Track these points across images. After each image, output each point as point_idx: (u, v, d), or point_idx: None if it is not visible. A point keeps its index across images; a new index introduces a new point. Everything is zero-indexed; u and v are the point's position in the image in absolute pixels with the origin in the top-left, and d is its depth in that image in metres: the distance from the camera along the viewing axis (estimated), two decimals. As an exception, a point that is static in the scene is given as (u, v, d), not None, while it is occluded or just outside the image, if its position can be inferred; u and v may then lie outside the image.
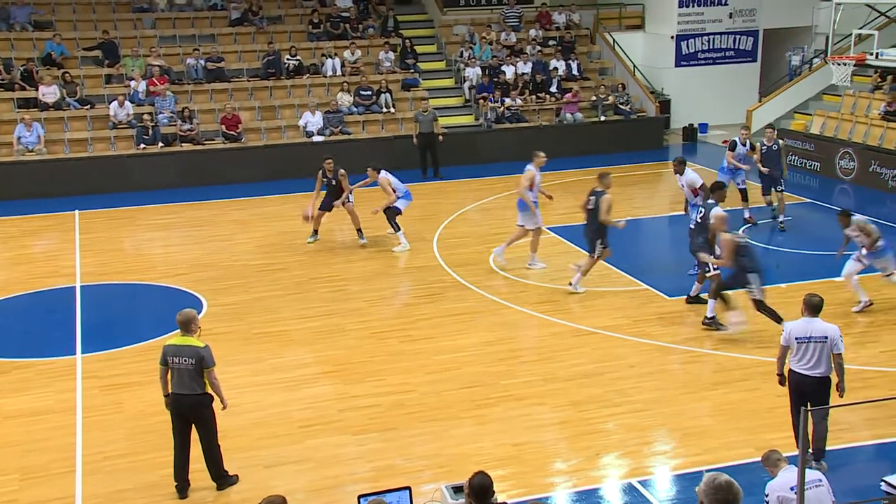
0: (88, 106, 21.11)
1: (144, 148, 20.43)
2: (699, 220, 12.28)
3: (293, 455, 9.03)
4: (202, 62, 22.39)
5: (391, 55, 23.62)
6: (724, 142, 20.00)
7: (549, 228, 16.29)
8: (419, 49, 24.28)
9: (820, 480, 6.67)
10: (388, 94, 22.49)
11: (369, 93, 22.51)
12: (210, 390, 8.25)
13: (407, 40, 24.05)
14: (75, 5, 23.57)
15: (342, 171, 15.77)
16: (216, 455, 8.39)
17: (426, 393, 10.33)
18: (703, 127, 24.57)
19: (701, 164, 21.27)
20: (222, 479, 8.48)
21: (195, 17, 24.08)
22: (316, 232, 16.19)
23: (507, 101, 22.78)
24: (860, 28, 16.36)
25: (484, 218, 17.63)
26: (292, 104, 22.30)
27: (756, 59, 25.60)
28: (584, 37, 25.85)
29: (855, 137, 19.89)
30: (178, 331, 8.25)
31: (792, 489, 6.43)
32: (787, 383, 8.44)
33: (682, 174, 14.12)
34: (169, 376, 8.24)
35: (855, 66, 16.57)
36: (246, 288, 13.87)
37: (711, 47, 25.31)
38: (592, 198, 13.03)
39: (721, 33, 25.17)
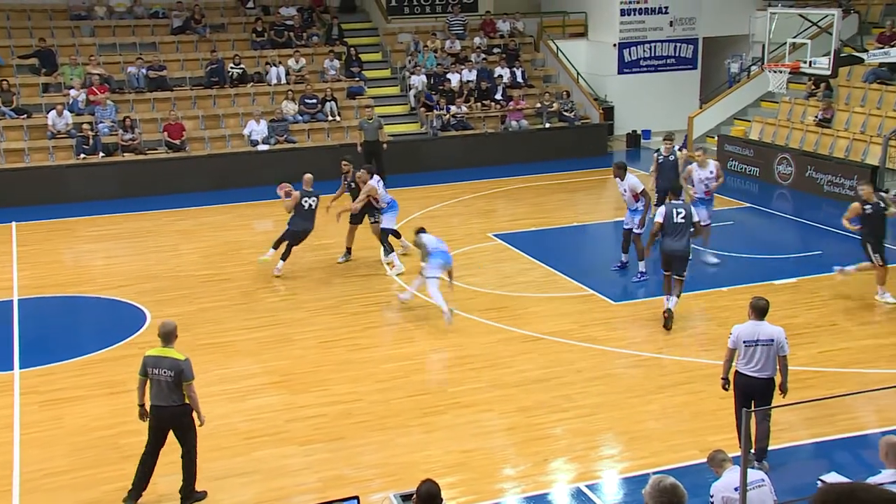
0: (25, 115, 20.66)
1: (84, 158, 20.05)
2: (682, 220, 12.02)
3: (239, 467, 8.90)
4: (144, 71, 22.06)
5: (336, 63, 23.54)
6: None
7: (495, 235, 16.38)
8: (364, 57, 24.23)
9: (762, 480, 6.77)
10: (333, 103, 22.40)
11: (314, 101, 22.40)
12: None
13: (352, 48, 23.99)
14: (9, 12, 23.06)
15: (360, 173, 15.05)
16: (193, 467, 8.28)
17: (374, 402, 10.28)
18: (647, 133, 24.90)
19: (644, 171, 21.54)
20: (190, 494, 8.33)
21: (136, 26, 23.74)
22: (349, 251, 15.35)
23: (453, 108, 22.85)
24: (794, 37, 16.72)
25: (430, 226, 17.48)
26: (236, 113, 22.08)
27: (696, 66, 26.02)
28: (528, 44, 26.03)
29: (792, 143, 20.33)
30: (160, 342, 8.17)
31: (736, 489, 6.51)
32: (732, 386, 8.55)
33: (622, 179, 14.19)
34: (148, 387, 8.14)
35: (790, 73, 16.91)
36: (190, 299, 13.67)
37: (653, 55, 25.66)
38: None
39: (662, 41, 25.55)
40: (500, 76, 23.97)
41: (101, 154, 20.21)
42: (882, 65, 19.55)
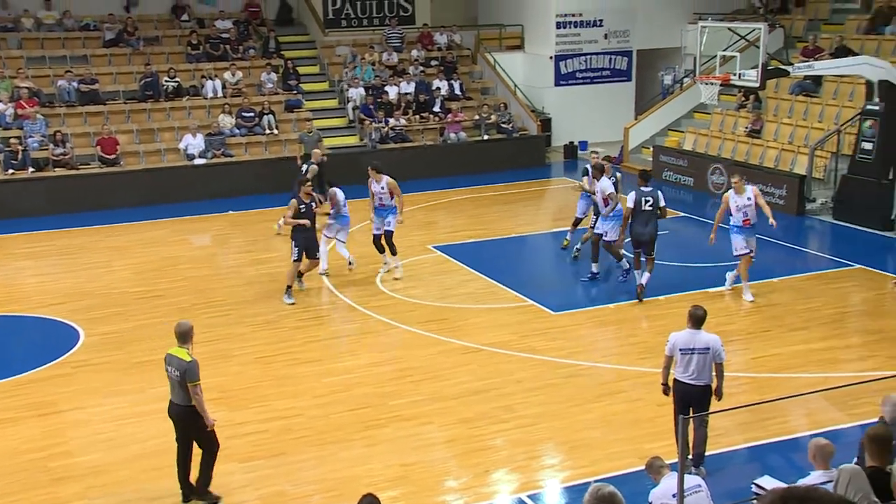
0: (-49, 130, 20.12)
1: (13, 173, 19.57)
2: (649, 208, 13.06)
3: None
4: (75, 84, 21.64)
5: (273, 76, 23.38)
6: (605, 158, 20.45)
7: (435, 247, 16.40)
8: (302, 70, 24.11)
9: (699, 486, 6.88)
10: (271, 116, 22.24)
11: (252, 114, 22.21)
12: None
13: (289, 61, 23.86)
14: (-67, 24, 22.48)
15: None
16: (208, 468, 8.40)
17: (314, 416, 10.20)
18: (584, 144, 25.16)
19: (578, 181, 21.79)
20: (204, 494, 8.44)
21: (66, 38, 23.27)
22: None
23: (391, 121, 22.85)
24: (724, 50, 17.09)
25: (369, 238, 17.50)
26: (172, 126, 21.78)
27: (631, 78, 26.43)
28: (465, 57, 26.18)
29: (724, 153, 20.76)
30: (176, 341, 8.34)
31: (674, 496, 6.60)
32: (671, 392, 8.68)
33: (598, 180, 14.20)
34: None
35: (721, 85, 17.28)
36: (125, 316, 13.42)
37: (589, 67, 26.00)
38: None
39: (597, 53, 25.90)
40: (439, 88, 24.06)
41: (31, 169, 19.74)
42: (807, 77, 20.12)
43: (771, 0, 22.84)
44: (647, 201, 13.07)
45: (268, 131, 22.11)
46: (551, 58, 25.50)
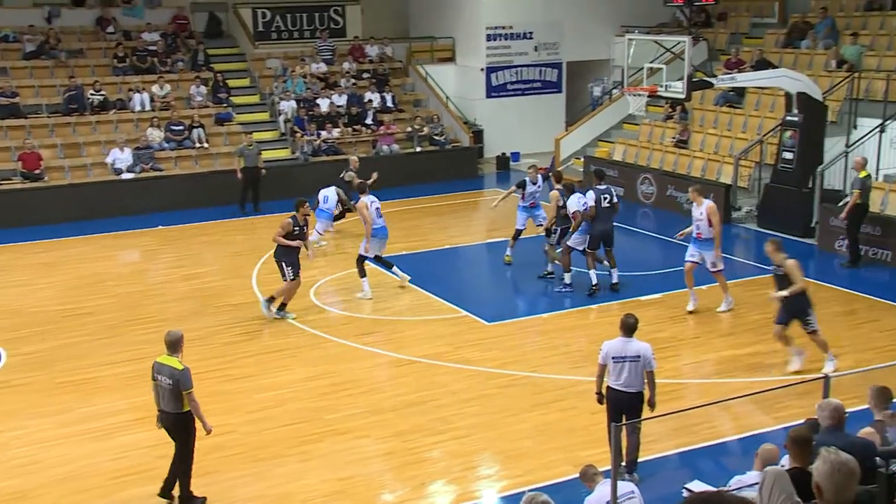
0: None
1: (-68, 190, 18.98)
2: (608, 205, 13.95)
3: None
4: (-6, 97, 21.08)
5: (203, 89, 23.10)
6: (541, 168, 20.62)
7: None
8: (232, 83, 23.88)
9: (632, 493, 6.98)
10: (201, 129, 21.95)
11: (181, 128, 21.90)
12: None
13: (218, 74, 23.61)
14: None
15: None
16: (184, 474, 8.49)
17: (248, 433, 10.07)
18: (515, 156, 25.42)
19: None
20: (189, 499, 8.54)
21: (-15, 50, 22.68)
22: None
23: (324, 133, 22.75)
24: (651, 62, 17.44)
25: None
26: (98, 141, 21.35)
27: (561, 90, 26.78)
28: (397, 69, 26.22)
29: (653, 164, 21.16)
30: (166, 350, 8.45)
31: (608, 503, 6.69)
32: (605, 400, 8.78)
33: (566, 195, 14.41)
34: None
35: (648, 97, 17.62)
36: (50, 335, 13.08)
37: (519, 79, 26.26)
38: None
39: (528, 65, 26.18)
40: (370, 101, 24.05)
41: (-50, 185, 19.18)
42: (731, 89, 20.65)
43: (694, 14, 23.37)
44: (605, 198, 13.98)
45: (198, 145, 21.83)
46: (482, 70, 25.70)
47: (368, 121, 23.66)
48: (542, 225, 15.63)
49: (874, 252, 15.55)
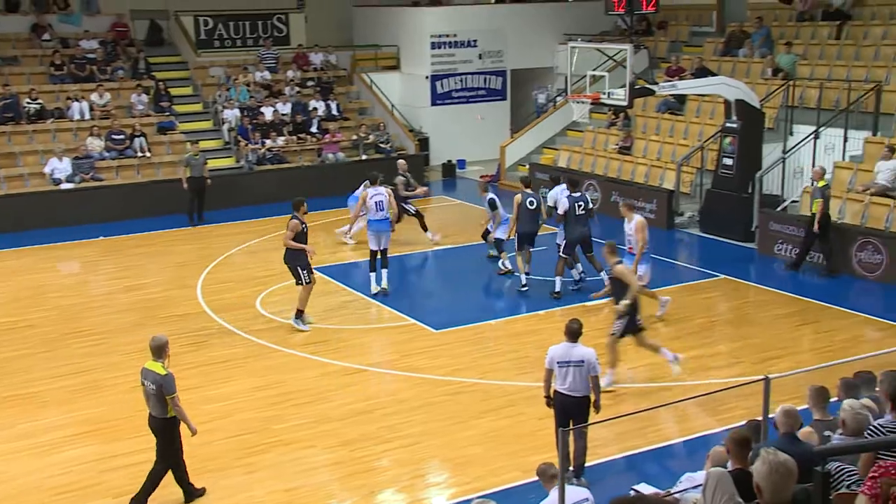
0: None
1: None
2: (583, 212, 14.33)
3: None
4: (-74, 106, 20.55)
5: (144, 98, 22.80)
6: (482, 177, 20.75)
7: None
8: (174, 91, 23.61)
9: (587, 499, 7.04)
10: (142, 138, 21.66)
11: (122, 137, 21.58)
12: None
13: (160, 82, 23.31)
14: None
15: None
16: (155, 479, 8.60)
17: (193, 445, 9.87)
18: (462, 163, 25.53)
19: (461, 199, 22.11)
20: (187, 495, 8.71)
21: (-84, 58, 22.10)
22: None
23: (268, 142, 22.61)
24: (594, 70, 17.68)
25: (249, 261, 17.32)
26: (35, 150, 20.93)
27: (506, 97, 26.97)
28: (342, 77, 26.17)
29: (597, 170, 21.41)
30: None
31: (562, 507, 6.74)
32: (552, 405, 8.86)
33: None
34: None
35: (592, 104, 17.85)
36: (-12, 349, 12.79)
37: (464, 87, 26.39)
38: None
39: (472, 73, 26.33)
40: (315, 109, 23.95)
41: None
42: (672, 96, 21.01)
43: (635, 23, 23.73)
44: (579, 206, 14.30)
45: (139, 154, 21.53)
46: (427, 78, 25.78)
47: (313, 129, 23.57)
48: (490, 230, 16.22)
49: (811, 256, 15.92)
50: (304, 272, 13.28)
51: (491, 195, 15.99)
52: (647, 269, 13.64)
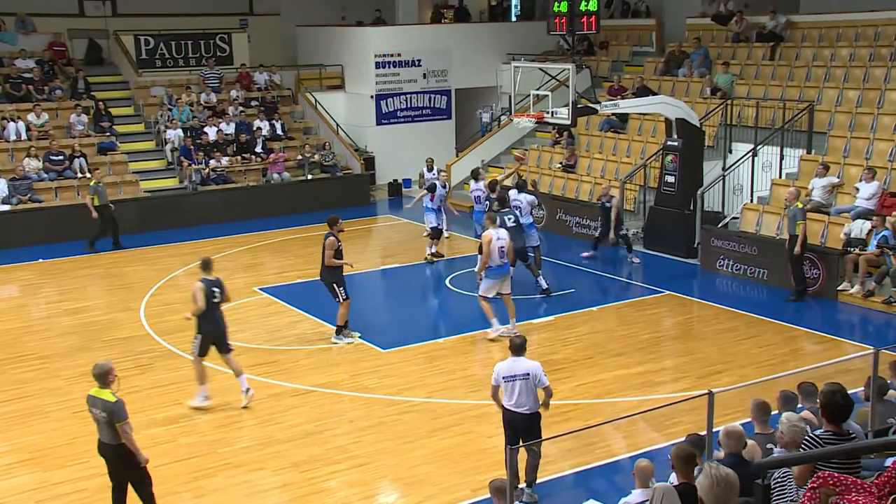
0: None
1: None
2: (516, 224, 14.86)
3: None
4: None
5: (84, 118, 22.46)
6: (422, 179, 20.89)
7: (261, 289, 16.17)
8: (115, 111, 23.32)
9: None
10: (82, 159, 21.31)
11: (61, 157, 21.20)
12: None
13: (100, 102, 22.99)
14: None
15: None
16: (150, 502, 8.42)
17: (139, 471, 9.75)
18: (407, 182, 25.57)
19: (407, 218, 22.14)
20: None
21: None
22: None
23: (212, 162, 22.42)
24: (537, 89, 17.89)
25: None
26: (-30, 171, 20.47)
27: (451, 116, 27.12)
28: (286, 97, 26.10)
29: (542, 188, 21.61)
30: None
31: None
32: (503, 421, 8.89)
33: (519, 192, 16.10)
34: None
35: (536, 123, 18.06)
36: (-78, 377, 12.43)
37: (409, 106, 26.48)
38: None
39: (417, 93, 26.45)
40: (260, 129, 23.85)
41: None
42: (614, 115, 21.33)
43: (577, 42, 24.08)
44: (509, 219, 14.83)
45: (79, 175, 21.16)
46: (372, 97, 25.82)
47: (258, 149, 23.46)
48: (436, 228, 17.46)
49: (752, 271, 16.27)
50: (341, 289, 13.33)
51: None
52: (490, 285, 13.51)
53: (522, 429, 8.74)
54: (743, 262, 16.40)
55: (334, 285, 13.34)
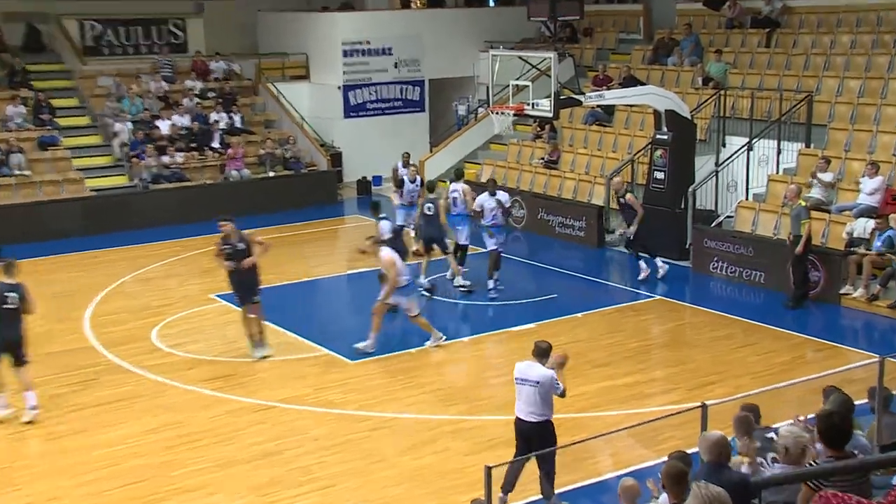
0: None
1: None
2: (432, 213, 15.89)
3: None
4: None
5: (22, 110, 22.16)
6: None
7: (217, 296, 15.97)
8: (56, 103, 23.03)
9: None
10: (20, 155, 21.02)
11: (-4, 153, 20.91)
12: None
13: (40, 93, 22.69)
14: None
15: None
16: None
17: (81, 496, 9.59)
18: (378, 179, 25.44)
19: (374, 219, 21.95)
20: None
21: None
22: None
23: (166, 158, 22.19)
24: (517, 79, 17.82)
25: (144, 289, 16.89)
26: None
27: (424, 108, 27.03)
28: (246, 87, 25.91)
29: (522, 185, 21.57)
30: None
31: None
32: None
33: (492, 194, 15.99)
34: None
35: (515, 115, 17.97)
36: None
37: (380, 97, 26.36)
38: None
39: (388, 83, 26.33)
40: (217, 122, 23.66)
41: None
42: (599, 106, 21.33)
43: (560, 29, 24.08)
44: (428, 208, 15.84)
45: (17, 172, 20.86)
46: (339, 88, 25.68)
47: (215, 143, 23.27)
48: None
49: (747, 273, 16.26)
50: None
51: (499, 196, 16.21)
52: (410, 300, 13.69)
53: (529, 438, 8.70)
54: (738, 264, 16.39)
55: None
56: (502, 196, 16.23)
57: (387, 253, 13.32)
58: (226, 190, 22.55)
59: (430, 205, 15.95)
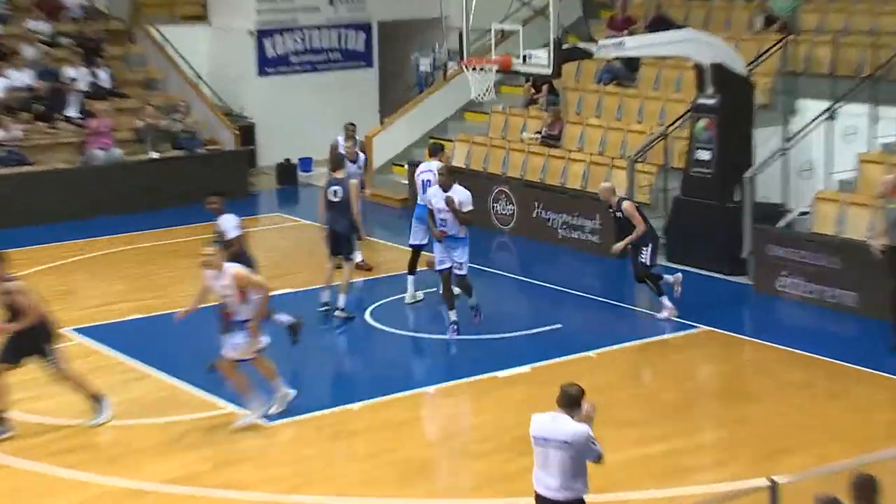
0: None
1: None
2: (339, 200, 16.15)
3: None
4: None
5: None
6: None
7: (75, 331, 15.68)
8: None
9: None
10: None
11: None
12: None
13: None
14: None
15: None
16: None
17: None
18: (306, 162, 25.33)
19: (304, 218, 21.78)
20: None
21: None
22: None
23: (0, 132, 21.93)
24: (502, 21, 17.71)
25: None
26: None
27: (372, 63, 27.13)
28: (116, 32, 25.95)
29: (511, 171, 21.40)
30: None
31: None
32: None
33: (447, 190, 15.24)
34: None
35: (500, 72, 17.82)
36: None
37: (309, 47, 26.48)
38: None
39: (320, 27, 26.36)
40: (74, 80, 23.62)
41: None
42: (617, 59, 21.20)
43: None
44: (334, 192, 16.14)
45: None
46: (252, 34, 25.68)
47: (71, 112, 23.19)
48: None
49: (832, 293, 16.13)
50: None
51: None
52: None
53: None
54: (818, 281, 16.33)
55: None
56: (459, 194, 15.22)
57: (233, 269, 13.09)
58: (87, 177, 22.42)
59: (336, 188, 16.16)
